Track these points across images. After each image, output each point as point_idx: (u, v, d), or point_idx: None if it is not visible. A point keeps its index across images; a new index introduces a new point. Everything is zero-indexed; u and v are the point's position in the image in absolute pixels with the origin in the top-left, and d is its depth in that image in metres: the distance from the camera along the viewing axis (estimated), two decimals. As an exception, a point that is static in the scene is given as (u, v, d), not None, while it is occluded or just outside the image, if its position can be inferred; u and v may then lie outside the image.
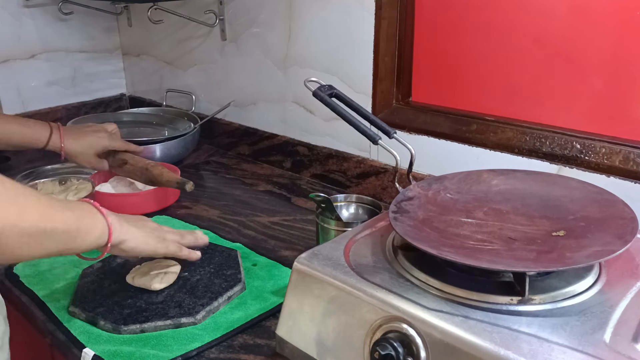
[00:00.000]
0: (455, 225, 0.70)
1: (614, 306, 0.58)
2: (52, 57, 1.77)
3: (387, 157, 1.19)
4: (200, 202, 1.26)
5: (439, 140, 1.11)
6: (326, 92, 0.84)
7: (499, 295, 0.59)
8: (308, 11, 1.28)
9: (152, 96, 1.87)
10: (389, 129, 0.85)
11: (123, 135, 1.27)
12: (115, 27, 1.91)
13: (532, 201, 0.75)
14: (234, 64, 1.53)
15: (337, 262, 0.69)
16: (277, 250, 1.04)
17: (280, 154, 1.45)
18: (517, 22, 0.98)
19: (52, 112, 1.79)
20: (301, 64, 1.34)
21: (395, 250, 0.71)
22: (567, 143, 0.95)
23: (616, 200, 0.70)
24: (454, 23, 1.07)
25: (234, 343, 0.79)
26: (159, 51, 1.78)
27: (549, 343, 0.53)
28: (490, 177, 0.81)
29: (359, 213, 0.99)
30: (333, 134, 1.31)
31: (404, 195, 0.78)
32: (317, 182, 1.36)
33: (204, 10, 1.52)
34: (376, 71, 1.17)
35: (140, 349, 0.77)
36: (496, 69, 1.03)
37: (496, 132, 1.03)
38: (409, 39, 1.15)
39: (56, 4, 1.71)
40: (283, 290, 0.73)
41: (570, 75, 0.95)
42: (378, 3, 1.13)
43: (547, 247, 0.63)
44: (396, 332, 0.59)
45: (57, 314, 0.86)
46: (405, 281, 0.64)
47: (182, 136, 1.46)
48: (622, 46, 0.89)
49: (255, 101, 1.50)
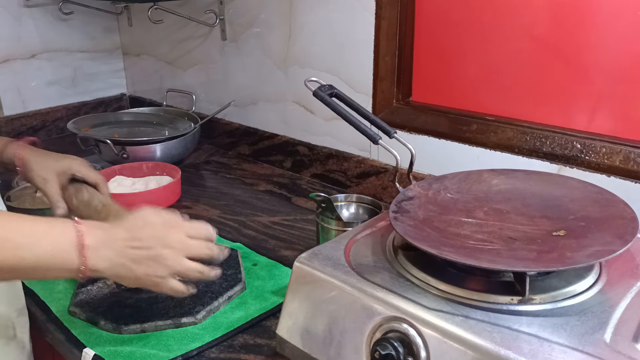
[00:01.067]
0: (455, 225, 0.70)
1: (615, 306, 0.58)
2: (52, 57, 1.77)
3: (387, 156, 1.19)
4: (200, 202, 1.26)
5: (439, 140, 1.11)
6: (326, 91, 0.84)
7: (499, 295, 0.59)
8: (308, 11, 1.28)
9: (153, 96, 1.87)
10: (389, 128, 0.85)
11: (123, 135, 1.26)
12: (115, 27, 1.91)
13: (533, 201, 0.75)
14: (234, 64, 1.53)
15: (338, 261, 0.69)
16: (277, 250, 1.04)
17: (281, 153, 1.45)
18: (518, 22, 0.98)
19: (53, 112, 1.79)
20: (301, 63, 1.34)
21: (395, 250, 0.71)
22: (567, 143, 0.95)
23: (616, 200, 0.70)
24: (454, 23, 1.07)
25: (235, 343, 0.79)
26: (159, 51, 1.78)
27: (549, 343, 0.53)
28: (491, 176, 0.81)
29: (359, 213, 0.99)
30: (333, 133, 1.31)
31: (404, 195, 0.77)
32: (317, 182, 1.36)
33: (204, 10, 1.52)
34: (376, 71, 1.17)
35: (140, 349, 0.77)
36: (496, 68, 1.03)
37: (496, 132, 1.03)
38: (409, 39, 1.15)
39: (56, 4, 1.71)
40: (283, 290, 0.73)
41: (570, 74, 0.95)
42: (378, 3, 1.13)
43: (547, 246, 0.63)
44: (396, 332, 0.59)
45: (57, 313, 0.86)
46: (405, 281, 0.64)
47: (182, 136, 1.46)
48: (623, 46, 0.89)
49: (256, 101, 1.50)
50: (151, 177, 1.32)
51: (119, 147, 1.37)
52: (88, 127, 1.50)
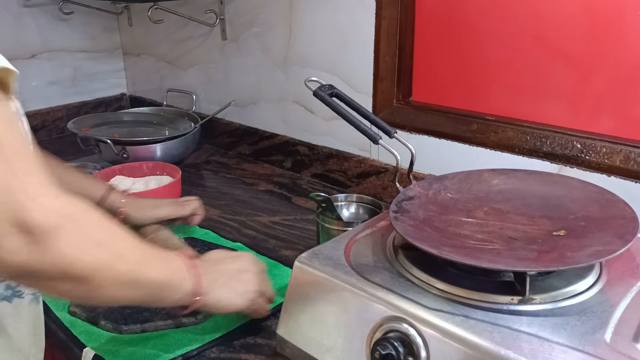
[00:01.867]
0: (455, 225, 0.70)
1: (615, 306, 0.58)
2: (52, 57, 1.77)
3: (387, 156, 1.19)
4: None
5: (439, 139, 1.11)
6: (327, 91, 0.84)
7: (500, 294, 0.59)
8: (309, 11, 1.28)
9: (153, 96, 1.87)
10: (389, 128, 0.85)
11: (123, 134, 1.26)
12: (115, 27, 1.91)
13: (533, 201, 0.75)
14: (234, 64, 1.53)
15: (338, 261, 0.69)
16: (277, 250, 1.04)
17: (281, 153, 1.45)
18: (518, 22, 0.98)
19: (53, 112, 1.79)
20: (301, 63, 1.33)
21: (395, 250, 0.71)
22: (567, 143, 0.95)
23: (617, 200, 0.70)
24: (454, 22, 1.07)
25: (235, 343, 0.79)
26: (160, 51, 1.78)
27: (550, 343, 0.53)
28: (491, 176, 0.81)
29: (360, 213, 0.99)
30: (333, 133, 1.31)
31: (404, 195, 0.77)
32: (317, 182, 1.36)
33: (204, 10, 1.52)
34: (377, 71, 1.17)
35: (141, 349, 0.77)
36: (497, 68, 1.03)
37: (497, 132, 1.03)
38: (409, 39, 1.15)
39: (57, 4, 1.71)
40: (283, 290, 0.73)
41: (570, 74, 0.95)
42: (379, 3, 1.13)
43: (547, 246, 0.63)
44: (397, 332, 0.59)
45: (57, 313, 0.86)
46: (405, 281, 0.64)
47: (182, 136, 1.46)
48: (623, 45, 0.88)
49: (256, 101, 1.50)
50: (151, 177, 1.32)
51: (119, 147, 1.37)
52: (88, 127, 1.50)
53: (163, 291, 0.65)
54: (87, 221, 0.56)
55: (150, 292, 0.64)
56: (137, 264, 0.61)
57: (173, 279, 0.66)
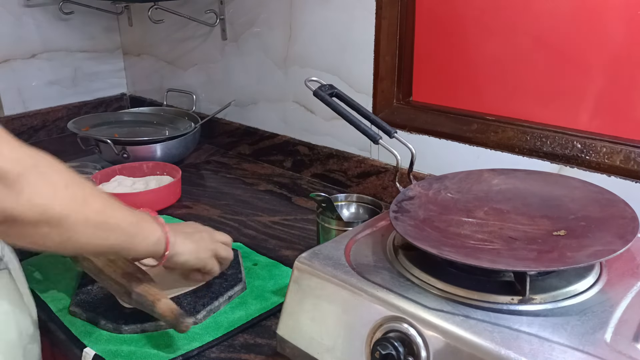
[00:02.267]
0: (455, 225, 0.70)
1: (615, 306, 0.58)
2: (52, 57, 1.77)
3: (387, 156, 1.19)
4: (200, 202, 1.26)
5: (439, 139, 1.11)
6: (327, 91, 0.84)
7: (500, 294, 0.59)
8: (309, 11, 1.28)
9: (153, 96, 1.87)
10: (389, 128, 0.85)
11: (123, 134, 1.26)
12: (115, 27, 1.91)
13: (533, 201, 0.74)
14: (234, 64, 1.53)
15: (338, 261, 0.69)
16: (277, 250, 1.04)
17: (281, 153, 1.45)
18: (518, 22, 0.98)
19: (53, 112, 1.79)
20: (302, 63, 1.33)
21: (395, 250, 0.71)
22: (568, 142, 0.95)
23: (617, 200, 0.70)
24: (454, 22, 1.07)
25: (235, 342, 0.79)
26: (160, 51, 1.78)
27: (550, 342, 0.53)
28: (491, 176, 0.81)
29: (360, 213, 0.99)
30: (334, 133, 1.31)
31: (404, 195, 0.77)
32: (317, 182, 1.36)
33: (204, 9, 1.52)
34: (377, 71, 1.17)
35: (141, 349, 0.77)
36: (497, 68, 1.03)
37: (497, 132, 1.03)
38: (409, 39, 1.15)
39: (57, 4, 1.71)
40: (284, 290, 0.73)
41: (571, 74, 0.95)
42: (379, 2, 1.13)
43: (547, 246, 0.63)
44: (397, 332, 0.59)
45: (57, 313, 0.86)
46: (405, 281, 0.64)
47: (182, 136, 1.46)
48: (623, 45, 0.88)
49: (256, 101, 1.50)
50: (151, 176, 1.32)
51: (119, 147, 1.37)
52: (88, 126, 1.50)
53: (134, 237, 0.70)
54: (51, 168, 0.60)
55: (122, 238, 0.68)
56: (104, 206, 0.66)
57: (143, 227, 0.71)
